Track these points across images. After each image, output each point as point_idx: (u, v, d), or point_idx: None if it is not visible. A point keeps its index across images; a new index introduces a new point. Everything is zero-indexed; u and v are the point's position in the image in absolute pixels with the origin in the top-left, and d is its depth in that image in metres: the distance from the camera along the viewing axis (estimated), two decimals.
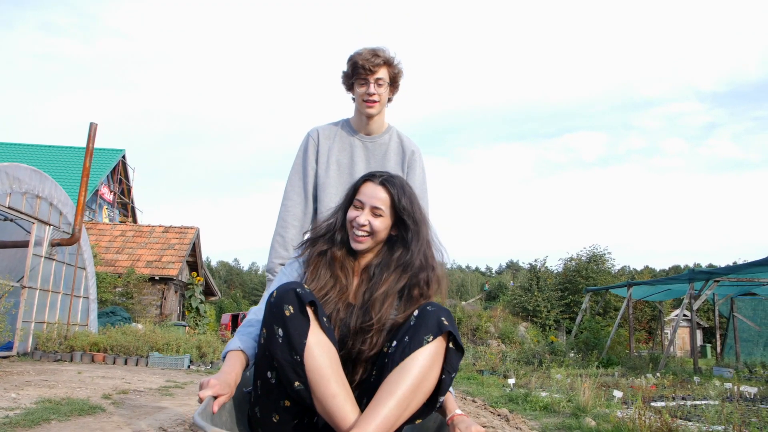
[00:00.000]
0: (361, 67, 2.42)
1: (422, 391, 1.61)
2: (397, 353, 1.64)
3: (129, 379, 6.42)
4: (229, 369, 1.67)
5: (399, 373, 1.59)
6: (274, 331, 1.61)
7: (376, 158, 2.62)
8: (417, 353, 1.61)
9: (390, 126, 2.67)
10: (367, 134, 2.62)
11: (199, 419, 1.38)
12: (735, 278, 13.87)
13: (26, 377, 5.94)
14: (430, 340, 1.63)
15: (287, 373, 1.60)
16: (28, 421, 3.39)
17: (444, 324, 1.66)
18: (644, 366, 13.68)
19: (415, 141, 2.68)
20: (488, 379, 10.35)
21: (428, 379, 1.61)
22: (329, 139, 2.62)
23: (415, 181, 2.61)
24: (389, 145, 2.63)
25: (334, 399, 1.59)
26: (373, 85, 2.45)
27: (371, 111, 2.50)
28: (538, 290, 32.01)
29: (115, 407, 4.38)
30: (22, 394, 4.58)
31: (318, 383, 1.59)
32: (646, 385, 9.11)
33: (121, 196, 27.58)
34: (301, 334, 1.59)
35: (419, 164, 2.63)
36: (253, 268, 78.43)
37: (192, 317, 17.62)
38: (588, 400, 5.98)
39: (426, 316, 1.68)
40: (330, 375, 1.60)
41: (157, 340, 9.16)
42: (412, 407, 1.61)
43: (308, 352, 1.58)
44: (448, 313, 1.72)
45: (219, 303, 36.16)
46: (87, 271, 10.60)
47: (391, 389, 1.57)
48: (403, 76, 2.56)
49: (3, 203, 7.94)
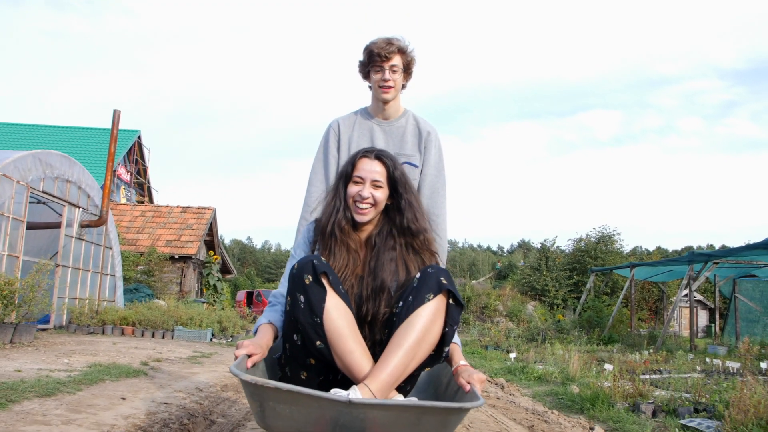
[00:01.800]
0: (377, 55, 2.55)
1: (427, 343, 1.81)
2: (402, 311, 1.83)
3: (159, 350, 7.06)
4: (261, 335, 1.91)
5: (405, 328, 1.79)
6: (297, 298, 1.83)
7: (394, 141, 2.73)
8: (420, 309, 1.79)
9: (406, 110, 2.79)
10: (384, 119, 2.74)
11: (234, 369, 1.60)
12: (734, 260, 14.26)
13: (69, 347, 6.59)
14: (431, 298, 1.81)
15: (310, 334, 1.81)
16: (87, 380, 4.00)
17: (443, 283, 1.84)
18: (643, 343, 14.19)
19: (430, 122, 2.81)
20: (492, 353, 10.94)
21: (431, 332, 1.81)
22: (349, 128, 2.74)
23: (431, 160, 2.72)
24: (406, 128, 2.74)
25: (352, 354, 1.81)
26: (388, 72, 2.58)
27: (387, 96, 2.63)
28: (547, 270, 32.44)
29: (153, 372, 5.00)
30: (72, 360, 5.21)
31: (337, 341, 1.80)
32: (640, 360, 9.62)
33: (138, 176, 28.27)
34: (320, 299, 1.80)
35: (435, 144, 2.74)
36: (266, 246, 79.05)
37: (210, 294, 18.34)
38: (576, 371, 6.55)
39: (427, 277, 1.86)
40: (347, 334, 1.82)
41: (181, 315, 9.82)
42: (419, 357, 1.81)
43: (326, 315, 1.80)
44: (446, 273, 1.89)
45: (233, 281, 37.01)
46: (113, 251, 11.27)
47: (399, 342, 1.78)
48: (416, 63, 2.67)
49: (37, 188, 8.56)
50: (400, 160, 2.56)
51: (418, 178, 2.70)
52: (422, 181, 2.71)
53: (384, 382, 1.73)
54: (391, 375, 1.74)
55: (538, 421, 4.00)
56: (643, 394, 4.88)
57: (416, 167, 2.69)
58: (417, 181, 2.69)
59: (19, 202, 7.96)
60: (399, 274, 2.02)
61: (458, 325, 1.89)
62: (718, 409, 3.93)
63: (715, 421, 3.92)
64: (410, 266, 2.05)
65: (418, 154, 2.71)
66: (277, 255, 64.87)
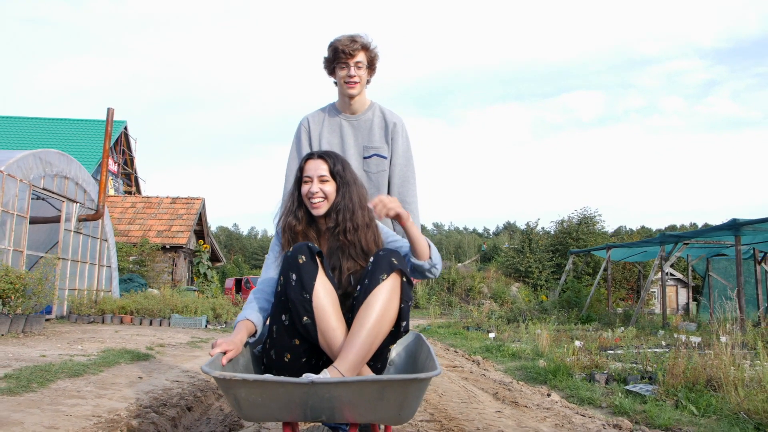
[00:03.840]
0: (341, 52, 2.63)
1: (387, 320, 1.94)
2: (361, 295, 1.97)
3: (160, 336, 7.57)
4: (236, 332, 2.03)
5: (365, 309, 1.93)
6: (289, 276, 1.97)
7: (362, 134, 2.80)
8: (376, 290, 1.93)
9: (372, 103, 2.85)
10: (351, 113, 2.80)
11: (205, 367, 1.70)
12: (703, 241, 14.96)
13: (76, 335, 7.08)
14: (385, 278, 1.94)
15: (299, 310, 1.94)
16: (105, 363, 4.52)
17: (395, 263, 1.97)
18: (619, 322, 14.89)
19: (397, 112, 2.86)
20: (473, 334, 11.55)
21: (390, 309, 1.94)
22: (319, 125, 2.82)
23: (399, 150, 2.81)
24: (373, 121, 2.80)
25: (334, 332, 1.94)
26: (353, 68, 2.65)
27: (352, 92, 2.70)
28: (530, 252, 33.21)
29: (160, 356, 5.52)
30: (85, 347, 5.72)
31: (322, 318, 1.94)
32: (612, 337, 10.26)
33: (125, 166, 28.51)
34: (311, 277, 1.95)
35: (402, 134, 2.82)
36: (253, 232, 79.01)
37: (200, 282, 18.81)
38: (545, 348, 7.16)
39: (379, 260, 1.99)
40: (332, 312, 1.96)
41: (176, 304, 10.33)
42: (382, 334, 1.95)
43: (315, 293, 1.94)
44: (398, 254, 2.01)
45: (221, 268, 37.44)
46: (108, 243, 11.72)
47: (362, 323, 1.92)
48: (380, 59, 2.75)
49: (38, 185, 8.98)
50: (369, 152, 2.77)
51: (387, 168, 2.81)
52: (392, 171, 2.81)
53: (351, 363, 1.86)
54: (358, 354, 1.87)
55: (502, 389, 4.59)
56: (599, 366, 5.49)
57: (385, 158, 2.79)
58: (386, 172, 2.81)
59: (23, 200, 8.38)
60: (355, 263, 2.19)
61: (412, 301, 2.05)
62: (658, 376, 4.53)
63: (654, 385, 4.52)
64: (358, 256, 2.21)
65: (385, 145, 2.79)
66: (264, 241, 65.11)
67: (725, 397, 3.80)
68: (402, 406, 1.67)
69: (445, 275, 31.02)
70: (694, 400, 3.96)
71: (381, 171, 2.77)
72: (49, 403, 3.06)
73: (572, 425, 3.38)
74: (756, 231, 13.19)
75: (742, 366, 4.17)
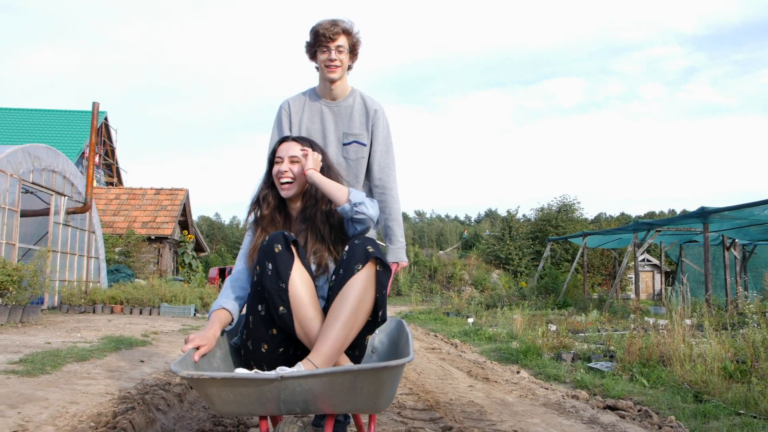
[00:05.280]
0: (323, 36, 2.60)
1: (362, 311, 1.90)
2: (336, 285, 1.93)
3: (152, 324, 7.88)
4: (210, 325, 1.99)
5: (339, 301, 1.89)
6: (266, 266, 1.92)
7: (342, 120, 2.77)
8: (351, 281, 1.89)
9: (353, 89, 2.82)
10: (332, 99, 2.77)
11: (173, 367, 1.66)
12: (674, 228, 15.55)
13: (71, 324, 7.36)
14: (360, 268, 1.90)
15: (275, 299, 1.90)
16: (107, 348, 4.84)
17: (370, 252, 1.92)
18: (594, 307, 15.46)
19: (378, 100, 2.85)
20: (453, 319, 12.01)
21: (365, 300, 1.89)
22: (300, 109, 2.78)
23: (379, 137, 2.79)
24: (353, 107, 2.77)
25: (311, 322, 1.91)
26: (334, 52, 2.62)
27: (333, 76, 2.66)
28: (510, 239, 33.81)
29: (156, 342, 5.84)
30: (83, 335, 6.02)
31: (298, 308, 1.90)
32: (585, 321, 10.76)
33: (106, 157, 28.47)
34: (287, 266, 1.91)
35: (382, 121, 2.80)
36: (234, 222, 78.52)
37: (185, 272, 19.05)
38: (519, 330, 7.62)
39: (354, 249, 1.95)
40: (308, 302, 1.93)
41: (165, 293, 10.61)
42: (358, 326, 1.90)
43: (291, 282, 1.90)
44: (373, 242, 1.96)
45: (205, 258, 37.57)
46: (96, 234, 11.93)
47: (336, 315, 1.87)
48: (362, 45, 2.74)
49: (27, 179, 9.19)
50: (348, 139, 2.75)
51: (367, 156, 2.79)
52: (372, 158, 2.80)
53: (326, 355, 1.83)
54: (332, 347, 1.84)
55: (476, 368, 5.00)
56: (566, 346, 5.94)
57: (364, 145, 2.77)
58: (366, 159, 2.79)
59: (13, 194, 8.60)
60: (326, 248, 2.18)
61: (387, 289, 1.98)
62: (618, 354, 4.98)
63: (614, 363, 4.97)
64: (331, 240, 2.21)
65: (366, 132, 2.77)
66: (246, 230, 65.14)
67: (672, 371, 4.24)
68: (377, 395, 1.65)
69: (427, 263, 31.52)
70: (646, 374, 4.40)
71: (360, 158, 2.77)
72: (65, 383, 3.39)
73: (535, 396, 3.80)
74: (723, 219, 13.78)
75: (690, 343, 4.63)
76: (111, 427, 2.51)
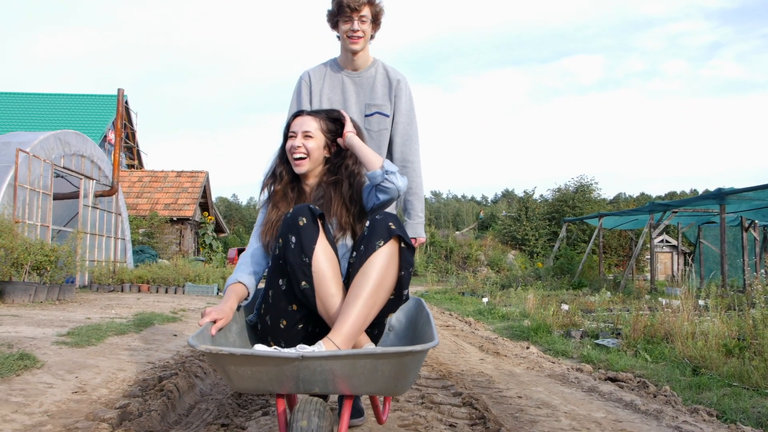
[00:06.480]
0: (346, 6, 2.54)
1: (384, 289, 1.85)
2: (356, 262, 1.87)
3: (179, 302, 8.26)
4: (226, 299, 1.96)
5: (360, 278, 1.83)
6: (289, 239, 1.86)
7: (364, 91, 2.71)
8: (372, 257, 1.83)
9: (375, 59, 2.76)
10: (354, 70, 2.71)
11: (191, 340, 1.62)
12: (691, 209, 15.56)
13: (104, 302, 7.76)
14: (382, 245, 1.83)
15: (297, 274, 1.85)
16: (142, 323, 5.19)
17: (392, 228, 1.85)
18: (609, 288, 15.61)
19: (400, 70, 2.79)
20: (467, 299, 12.29)
21: (387, 277, 1.84)
22: (320, 80, 2.73)
23: (402, 108, 2.73)
24: (376, 78, 2.72)
25: (333, 298, 1.86)
26: (357, 22, 2.56)
27: (355, 47, 2.61)
28: (527, 220, 33.88)
29: (185, 318, 6.19)
30: (117, 311, 6.39)
31: (321, 283, 1.85)
32: (599, 302, 10.94)
33: (126, 140, 28.99)
34: (311, 240, 1.85)
35: (405, 92, 2.75)
36: (252, 202, 79.06)
37: (206, 253, 19.54)
38: (531, 309, 7.86)
39: (375, 225, 1.88)
40: (331, 277, 1.87)
41: (189, 273, 11.01)
42: (379, 304, 1.85)
43: (315, 257, 1.84)
44: (395, 218, 1.88)
45: (224, 239, 38.22)
46: (122, 216, 12.36)
47: (357, 293, 1.82)
48: (385, 14, 2.67)
49: (59, 164, 9.58)
50: (371, 110, 2.69)
51: (390, 127, 2.73)
52: (394, 129, 2.74)
53: (347, 335, 1.77)
54: (353, 326, 1.79)
55: (487, 343, 5.28)
56: (576, 324, 6.18)
57: (387, 116, 2.71)
58: (388, 130, 2.73)
59: (46, 178, 8.99)
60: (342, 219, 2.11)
61: (413, 267, 1.95)
62: (624, 331, 5.21)
63: (620, 339, 5.21)
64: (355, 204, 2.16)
65: (388, 103, 2.71)
66: None
67: (674, 348, 4.48)
68: (398, 378, 1.62)
69: (443, 243, 31.76)
70: (650, 350, 4.65)
71: (383, 129, 2.70)
72: (110, 353, 3.72)
73: (542, 369, 4.07)
74: (742, 199, 13.77)
75: (693, 321, 4.85)
76: (158, 390, 2.82)
